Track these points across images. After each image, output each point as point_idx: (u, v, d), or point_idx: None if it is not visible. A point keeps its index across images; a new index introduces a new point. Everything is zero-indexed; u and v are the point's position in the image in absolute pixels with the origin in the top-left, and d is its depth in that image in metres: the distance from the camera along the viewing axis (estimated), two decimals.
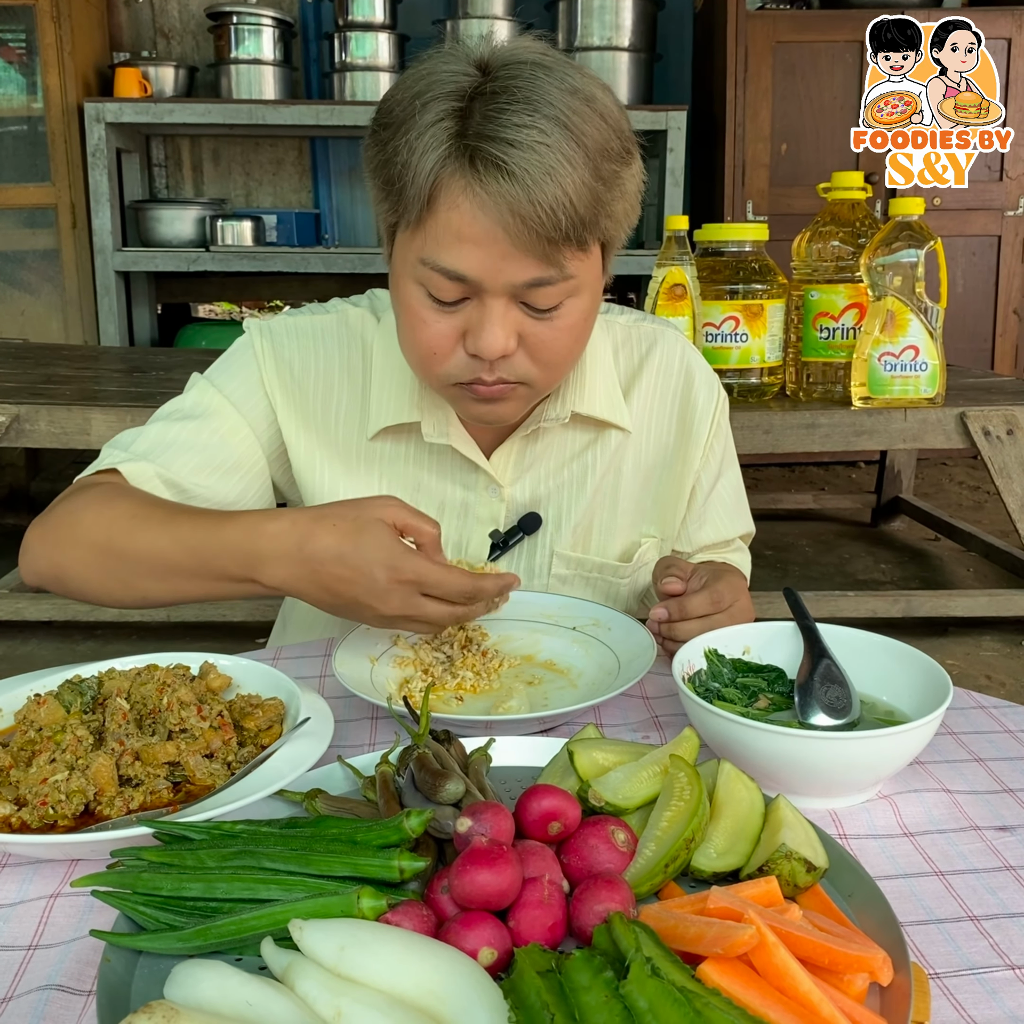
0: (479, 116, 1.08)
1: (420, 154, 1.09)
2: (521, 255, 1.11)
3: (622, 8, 5.30)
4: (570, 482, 1.43)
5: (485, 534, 1.41)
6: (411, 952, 0.66)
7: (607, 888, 0.72)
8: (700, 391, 1.47)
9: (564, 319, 1.19)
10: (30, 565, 1.29)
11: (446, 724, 1.02)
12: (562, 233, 1.09)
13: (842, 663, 1.06)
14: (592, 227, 1.13)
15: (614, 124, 1.13)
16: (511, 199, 1.07)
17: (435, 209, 1.11)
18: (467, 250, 1.11)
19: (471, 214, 1.09)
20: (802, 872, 0.76)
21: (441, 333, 1.18)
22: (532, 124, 1.07)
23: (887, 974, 0.67)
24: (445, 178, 1.09)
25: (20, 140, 5.45)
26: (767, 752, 0.92)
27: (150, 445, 1.32)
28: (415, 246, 1.15)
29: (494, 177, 1.07)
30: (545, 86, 1.09)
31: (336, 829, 0.78)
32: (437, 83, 1.11)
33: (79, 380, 3.71)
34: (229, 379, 1.38)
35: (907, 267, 2.74)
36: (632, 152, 1.17)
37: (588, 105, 1.10)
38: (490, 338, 1.15)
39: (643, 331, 1.47)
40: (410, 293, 1.18)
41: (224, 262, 5.46)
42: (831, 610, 3.24)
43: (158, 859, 0.77)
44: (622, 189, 1.16)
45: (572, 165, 1.08)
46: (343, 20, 5.54)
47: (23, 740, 0.96)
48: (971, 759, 1.05)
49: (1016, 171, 5.44)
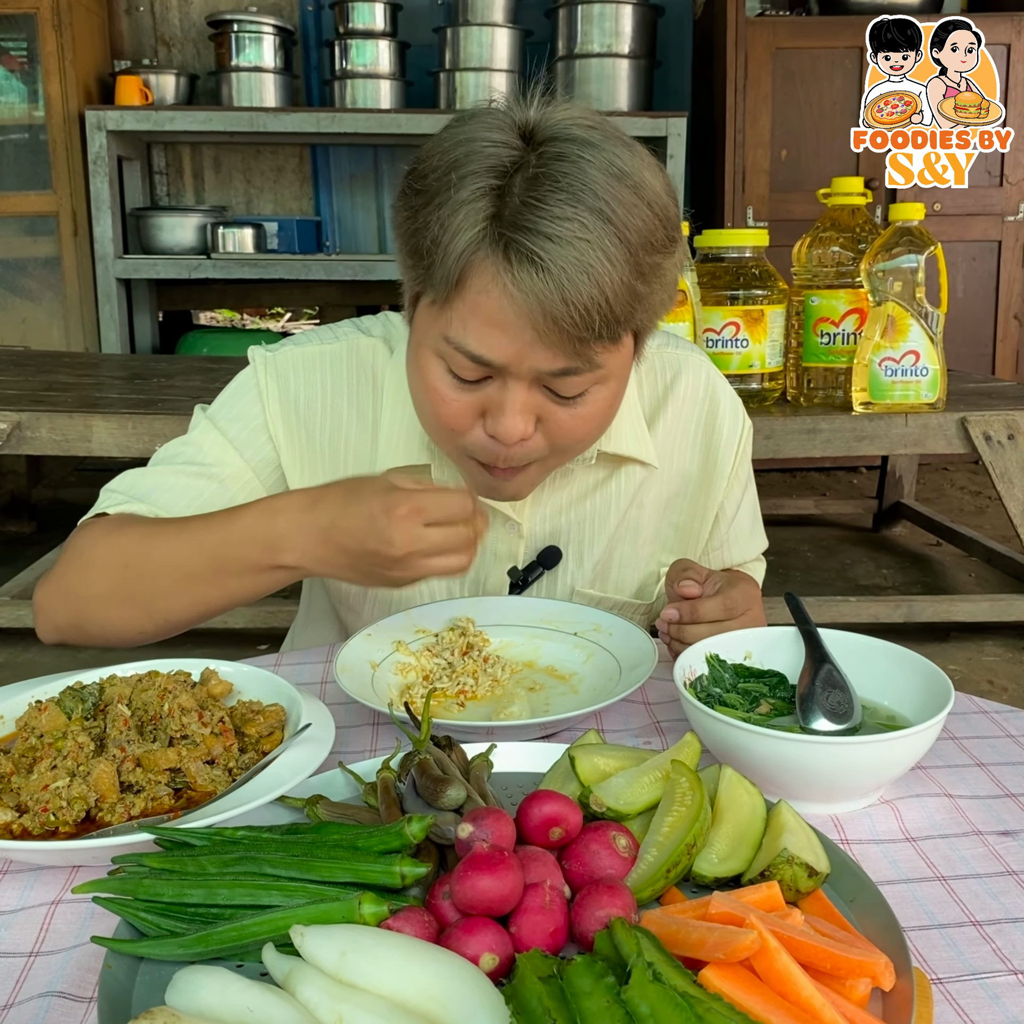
0: (518, 201, 1.03)
1: (452, 234, 1.04)
2: (549, 346, 1.07)
3: (622, 15, 5.31)
4: (592, 516, 1.39)
5: (503, 571, 1.38)
6: (412, 958, 0.66)
7: (609, 894, 0.72)
8: (725, 420, 1.43)
9: (587, 407, 1.15)
10: (47, 623, 1.25)
11: (447, 730, 1.02)
12: (595, 333, 1.05)
13: (843, 668, 1.06)
14: (627, 323, 1.09)
15: (661, 212, 1.08)
16: (543, 297, 1.02)
17: (464, 291, 1.07)
18: (494, 336, 1.07)
19: (500, 302, 1.05)
20: (804, 877, 0.76)
21: (460, 411, 1.15)
22: (574, 216, 1.01)
23: (889, 979, 0.67)
24: (477, 262, 1.05)
25: (21, 148, 5.46)
26: (769, 757, 0.92)
27: (148, 489, 1.29)
28: (440, 323, 1.11)
29: (528, 272, 1.02)
30: (591, 171, 1.03)
31: (337, 835, 0.78)
32: (476, 154, 1.05)
33: (80, 387, 3.71)
34: (232, 421, 1.33)
35: (907, 272, 2.74)
36: (676, 240, 1.11)
37: (636, 193, 1.05)
38: (509, 422, 1.12)
39: (667, 359, 1.42)
40: (430, 366, 1.15)
41: (225, 269, 5.47)
42: (833, 615, 3.24)
43: (159, 865, 0.77)
44: (662, 280, 1.11)
45: (612, 263, 1.03)
46: (343, 28, 5.55)
47: (24, 747, 0.96)
48: (973, 764, 1.04)
49: (1016, 176, 5.45)
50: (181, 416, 3.01)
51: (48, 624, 1.25)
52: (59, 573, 1.24)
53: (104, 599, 1.20)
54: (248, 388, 1.34)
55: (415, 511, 1.03)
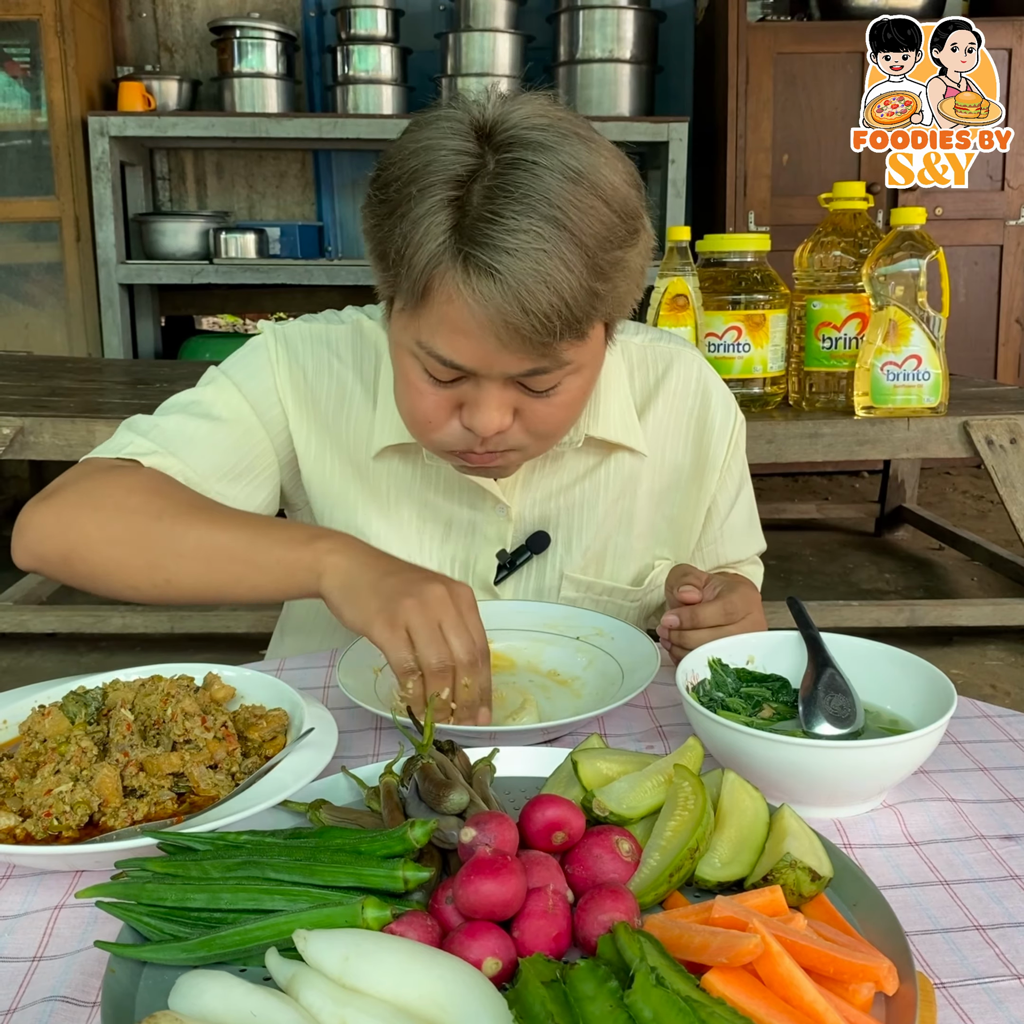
0: (475, 214, 1.05)
1: (415, 248, 1.07)
2: (515, 351, 1.09)
3: (623, 20, 5.31)
4: (581, 503, 1.41)
5: (493, 553, 1.39)
6: (415, 962, 0.66)
7: (612, 898, 0.72)
8: (717, 413, 1.45)
9: (562, 396, 1.18)
10: (29, 547, 1.24)
11: (449, 735, 1.02)
12: (556, 336, 1.08)
13: (846, 672, 1.06)
14: (589, 321, 1.11)
15: (620, 208, 1.09)
16: (503, 309, 1.05)
17: (429, 301, 1.09)
18: (462, 343, 1.10)
19: (463, 313, 1.07)
20: (807, 881, 0.75)
21: (437, 405, 1.17)
22: (529, 227, 1.03)
23: (892, 983, 0.66)
24: (439, 275, 1.07)
25: (24, 154, 5.46)
26: (771, 761, 0.92)
27: (170, 437, 1.31)
28: (411, 328, 1.14)
29: (487, 286, 1.04)
30: (546, 178, 1.04)
31: (340, 840, 0.78)
32: (434, 163, 1.07)
33: (83, 392, 3.71)
34: (246, 379, 1.37)
35: (909, 277, 2.74)
36: (638, 229, 1.13)
37: (593, 193, 1.06)
38: (485, 418, 1.15)
39: (659, 351, 1.45)
40: (407, 364, 1.18)
41: (228, 274, 5.48)
42: (835, 619, 3.24)
43: (162, 870, 0.77)
44: (625, 272, 1.12)
45: (569, 270, 1.05)
46: (345, 33, 5.55)
47: (27, 751, 0.96)
48: (976, 768, 1.04)
49: (1017, 180, 5.45)
50: None
51: (30, 548, 1.24)
52: (66, 502, 1.23)
53: (114, 542, 1.20)
54: (259, 353, 1.38)
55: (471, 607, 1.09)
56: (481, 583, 1.40)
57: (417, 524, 1.39)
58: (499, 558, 1.39)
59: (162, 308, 6.23)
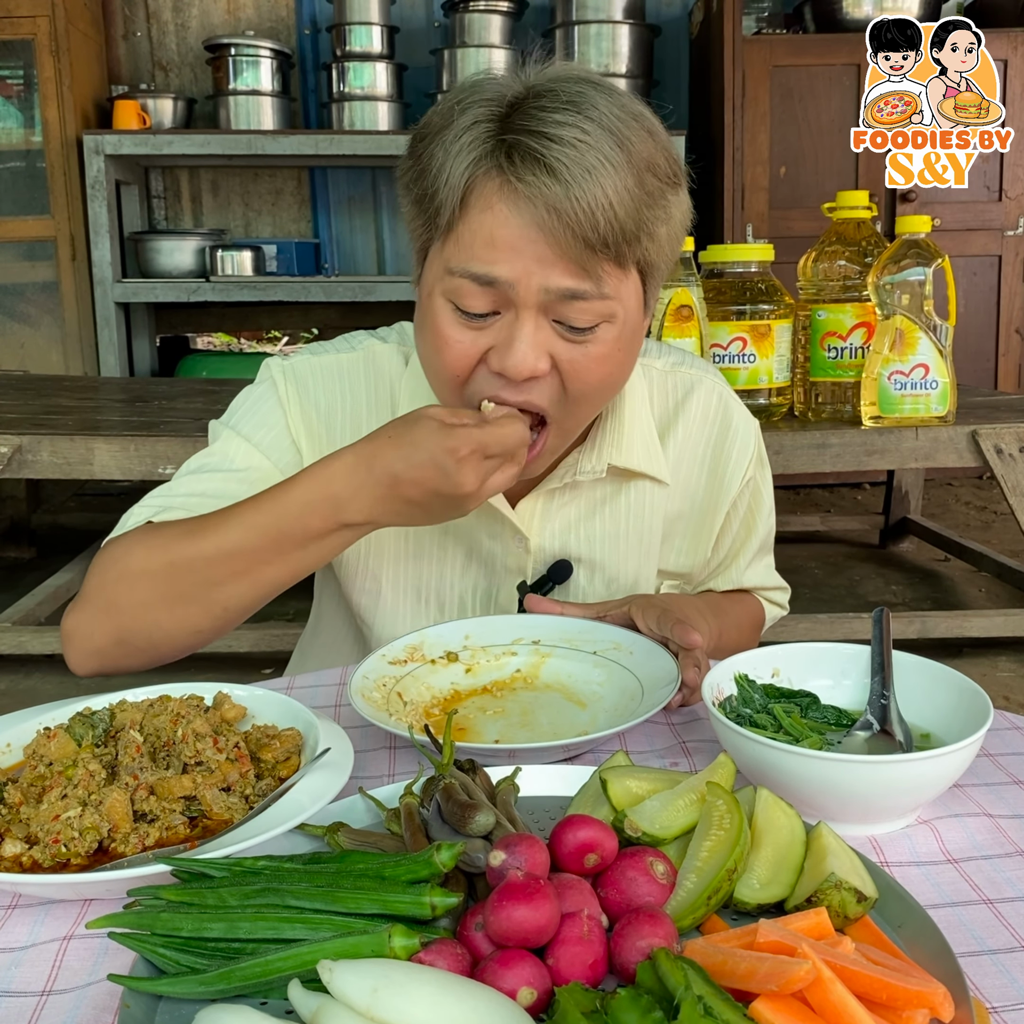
0: (520, 114, 1.05)
1: (455, 155, 1.06)
2: (556, 259, 1.07)
3: (618, 35, 5.33)
4: (602, 533, 1.37)
5: (513, 585, 1.36)
6: (448, 993, 0.62)
7: (649, 922, 0.69)
8: (735, 443, 1.41)
9: (598, 346, 1.14)
10: (82, 649, 1.19)
11: (467, 753, 0.99)
12: (599, 237, 1.05)
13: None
14: (632, 241, 1.09)
15: (663, 143, 1.10)
16: (548, 195, 1.03)
17: (468, 212, 1.08)
18: (500, 253, 1.07)
19: (505, 214, 1.06)
20: (852, 903, 0.72)
21: (465, 352, 1.13)
22: (575, 124, 1.04)
23: (949, 1010, 0.63)
24: (480, 176, 1.06)
25: (19, 174, 5.46)
26: (804, 777, 0.89)
27: (180, 496, 1.26)
28: (445, 255, 1.11)
29: (531, 171, 1.03)
30: (592, 94, 1.06)
31: (363, 864, 0.75)
32: (479, 90, 1.08)
33: (81, 410, 3.69)
34: (256, 427, 1.31)
35: (915, 285, 2.72)
36: (679, 179, 1.14)
37: (636, 120, 1.08)
38: (519, 355, 1.10)
39: (680, 377, 1.41)
40: (437, 309, 1.14)
41: (224, 292, 5.46)
42: (846, 632, 3.20)
43: (177, 898, 0.74)
44: (667, 212, 1.12)
45: (614, 166, 1.04)
46: (341, 50, 5.56)
47: (33, 775, 0.93)
48: (1010, 782, 1.01)
49: (1015, 191, 5.44)
50: (184, 438, 2.98)
51: (83, 649, 1.19)
52: (92, 592, 1.18)
53: (151, 604, 1.15)
54: (268, 396, 1.33)
55: (478, 450, 1.06)
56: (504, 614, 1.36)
57: (438, 553, 1.36)
58: (519, 591, 1.36)
59: (159, 326, 6.21)
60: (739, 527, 1.46)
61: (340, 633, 1.50)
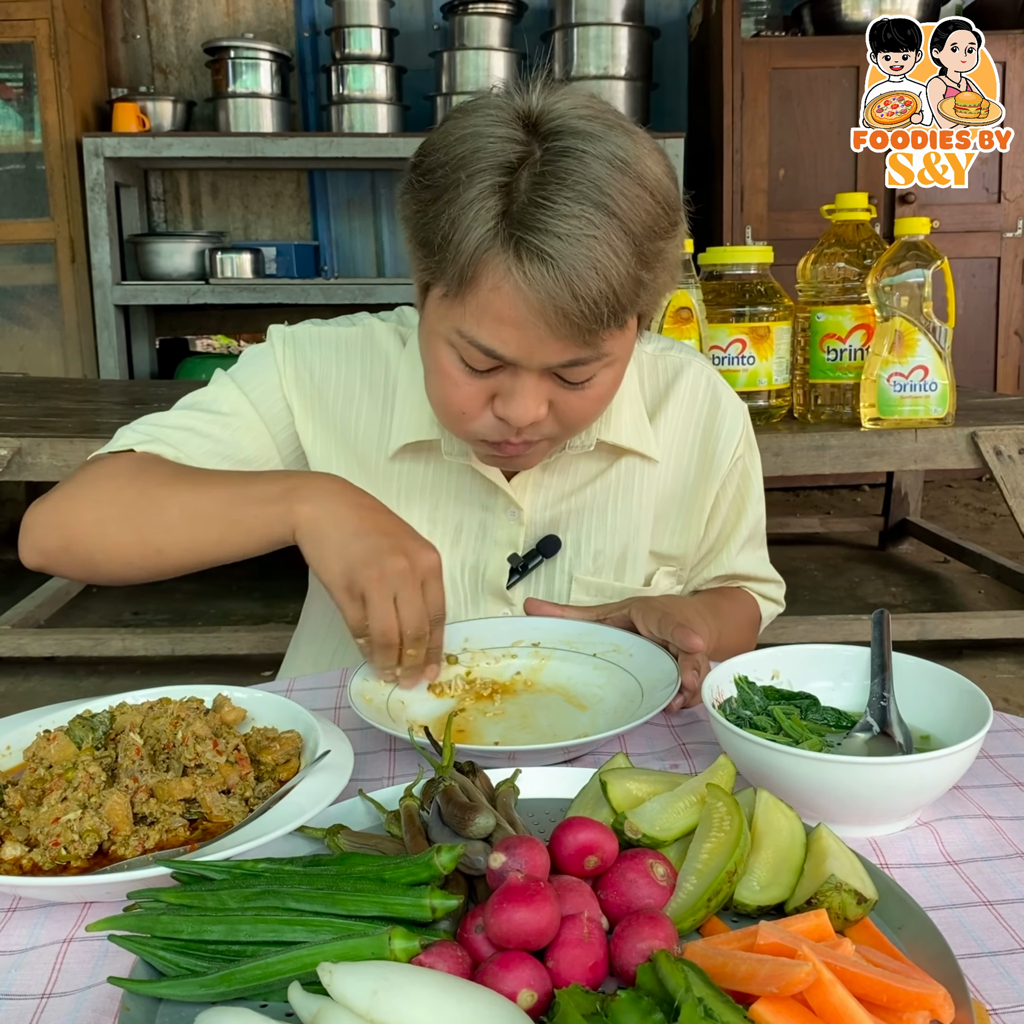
0: (525, 199, 1.06)
1: (464, 232, 1.07)
2: (558, 339, 1.10)
3: (618, 37, 5.32)
4: (591, 506, 1.41)
5: (503, 557, 1.39)
6: (448, 996, 0.62)
7: (649, 924, 0.69)
8: (724, 422, 1.45)
9: (595, 389, 1.19)
10: (34, 544, 1.28)
11: (467, 755, 0.99)
12: (603, 323, 1.09)
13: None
14: (632, 309, 1.12)
15: (663, 199, 1.11)
16: (554, 294, 1.06)
17: (476, 288, 1.10)
18: (506, 332, 1.10)
19: (512, 299, 1.08)
20: (853, 904, 0.72)
21: (471, 395, 1.18)
22: (580, 214, 1.05)
23: (949, 1012, 0.63)
24: (488, 260, 1.08)
25: (18, 176, 5.45)
26: (804, 779, 0.89)
27: (165, 429, 1.34)
28: (453, 315, 1.14)
29: (539, 270, 1.05)
30: (595, 165, 1.06)
31: (363, 867, 0.75)
32: (482, 151, 1.08)
33: (80, 413, 3.69)
34: (249, 379, 1.39)
35: (914, 287, 2.72)
36: (678, 222, 1.15)
37: (639, 183, 1.08)
38: (521, 408, 1.16)
39: (669, 361, 1.46)
40: (442, 353, 1.18)
41: (224, 295, 5.46)
42: (845, 634, 3.20)
43: (177, 901, 0.74)
44: (665, 262, 1.14)
45: (619, 256, 1.06)
46: (340, 53, 5.55)
47: (33, 778, 0.93)
48: (1010, 783, 1.01)
49: (1014, 193, 5.44)
50: None
51: (35, 545, 1.29)
52: (61, 498, 1.28)
53: (106, 522, 1.24)
54: (265, 355, 1.40)
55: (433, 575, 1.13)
56: (492, 588, 1.39)
57: (427, 527, 1.38)
58: (511, 562, 1.39)
59: (158, 329, 6.21)
60: (728, 510, 1.49)
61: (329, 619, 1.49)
